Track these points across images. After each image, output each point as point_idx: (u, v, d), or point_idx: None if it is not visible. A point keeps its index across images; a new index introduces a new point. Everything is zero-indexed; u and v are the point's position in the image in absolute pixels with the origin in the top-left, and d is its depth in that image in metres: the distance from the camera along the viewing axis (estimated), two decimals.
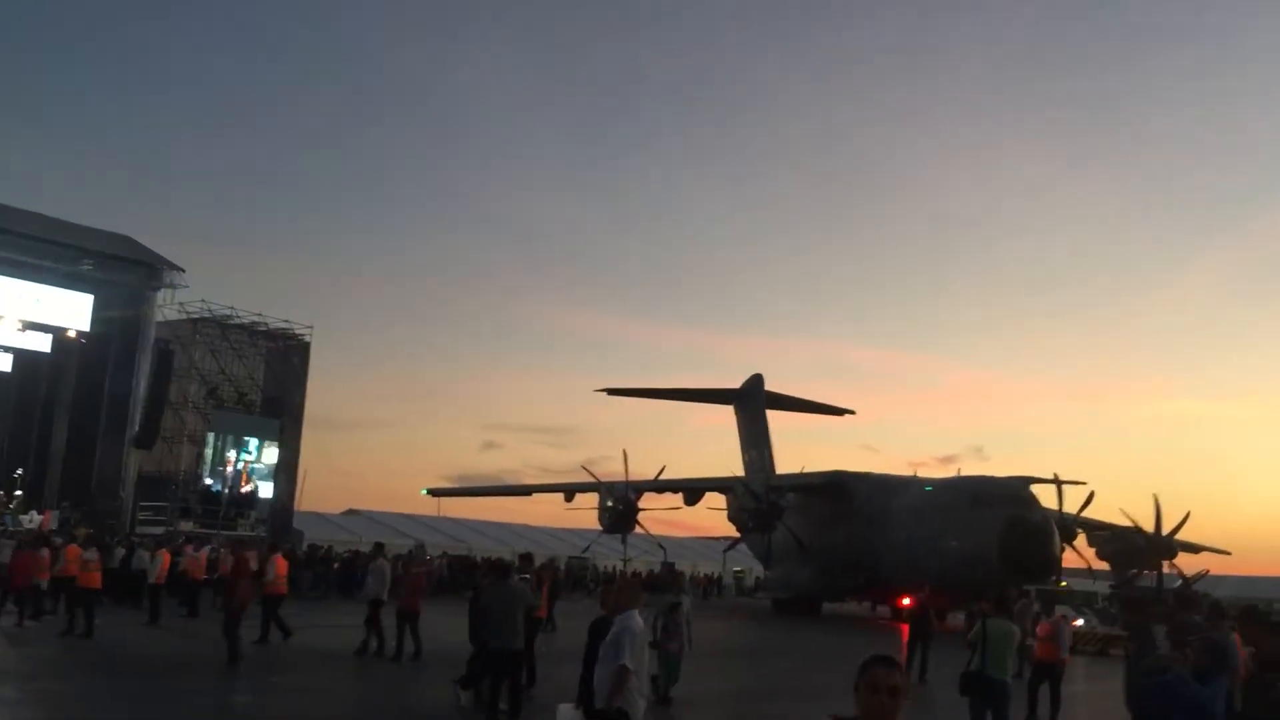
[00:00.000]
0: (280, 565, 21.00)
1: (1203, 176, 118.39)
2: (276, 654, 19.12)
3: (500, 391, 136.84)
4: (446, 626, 18.41)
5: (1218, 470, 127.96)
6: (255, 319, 46.21)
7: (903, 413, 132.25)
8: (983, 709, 11.95)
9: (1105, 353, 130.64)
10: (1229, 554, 56.93)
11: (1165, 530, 41.56)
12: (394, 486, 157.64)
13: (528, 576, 16.67)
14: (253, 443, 44.59)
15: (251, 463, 44.14)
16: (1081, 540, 44.82)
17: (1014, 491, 39.51)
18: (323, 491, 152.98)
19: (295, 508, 47.21)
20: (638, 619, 7.97)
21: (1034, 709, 15.62)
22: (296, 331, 47.24)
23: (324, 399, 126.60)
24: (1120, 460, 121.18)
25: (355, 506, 64.75)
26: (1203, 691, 6.52)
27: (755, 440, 56.73)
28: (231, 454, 43.78)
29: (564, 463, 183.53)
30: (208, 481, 43.23)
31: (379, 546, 21.96)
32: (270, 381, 46.74)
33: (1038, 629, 16.73)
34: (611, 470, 45.33)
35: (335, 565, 39.42)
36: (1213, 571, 54.90)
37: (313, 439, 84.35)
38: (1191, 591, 31.90)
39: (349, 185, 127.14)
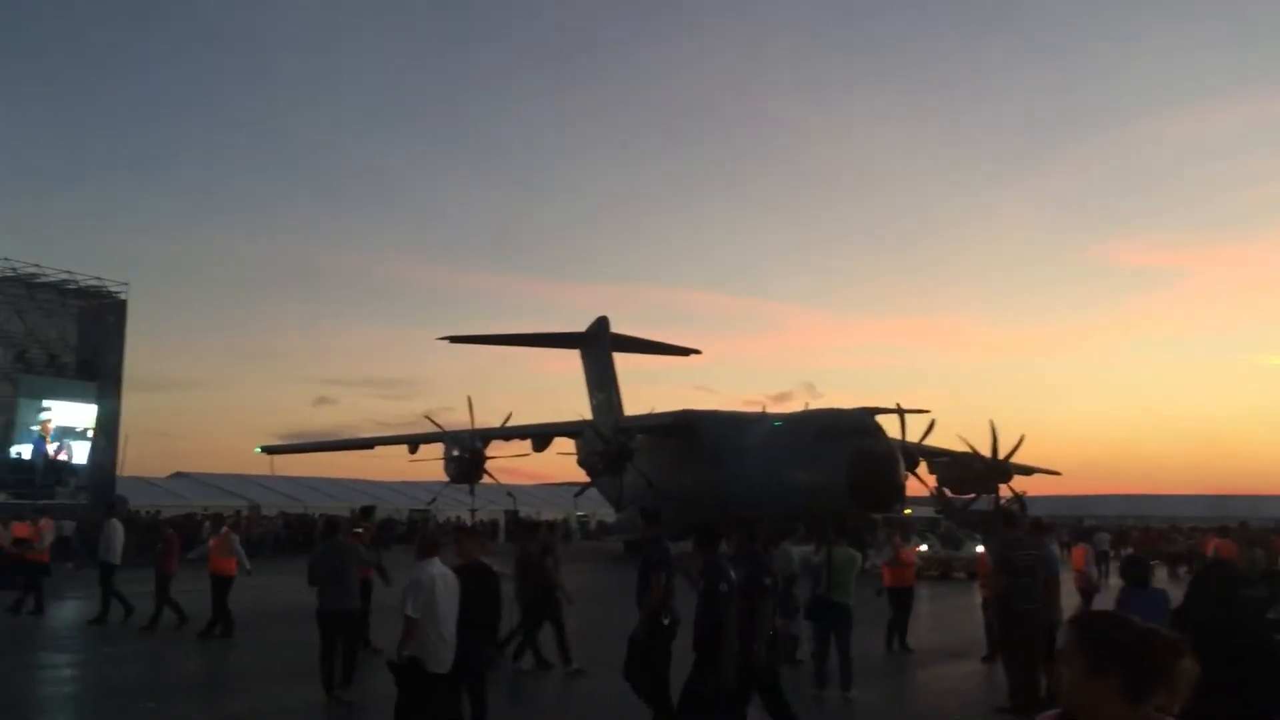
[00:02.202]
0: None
1: (1004, 122, 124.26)
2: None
3: (333, 345, 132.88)
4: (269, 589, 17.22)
5: (1048, 395, 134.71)
6: (65, 277, 43.14)
7: (738, 353, 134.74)
8: (827, 631, 12.22)
9: (926, 290, 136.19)
10: (1059, 474, 59.41)
11: (1001, 454, 42.75)
12: (224, 447, 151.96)
13: (359, 530, 15.56)
14: (66, 407, 41.71)
15: (65, 428, 41.30)
16: (923, 468, 45.88)
17: (860, 422, 39.74)
18: (148, 455, 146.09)
19: (118, 473, 44.57)
20: (427, 569, 8.01)
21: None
22: (110, 289, 44.32)
23: (145, 360, 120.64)
24: (951, 391, 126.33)
25: (183, 469, 61.92)
26: None
27: (602, 383, 56.17)
28: (43, 419, 40.86)
29: (404, 415, 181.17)
30: (17, 451, 40.29)
31: (110, 507, 20.46)
32: (84, 343, 43.80)
33: (902, 555, 16.39)
34: (456, 420, 44.23)
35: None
36: (1044, 492, 57.34)
37: (134, 401, 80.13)
38: (1013, 510, 32.79)
39: (165, 137, 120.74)
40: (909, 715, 11.86)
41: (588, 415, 50.86)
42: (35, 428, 40.59)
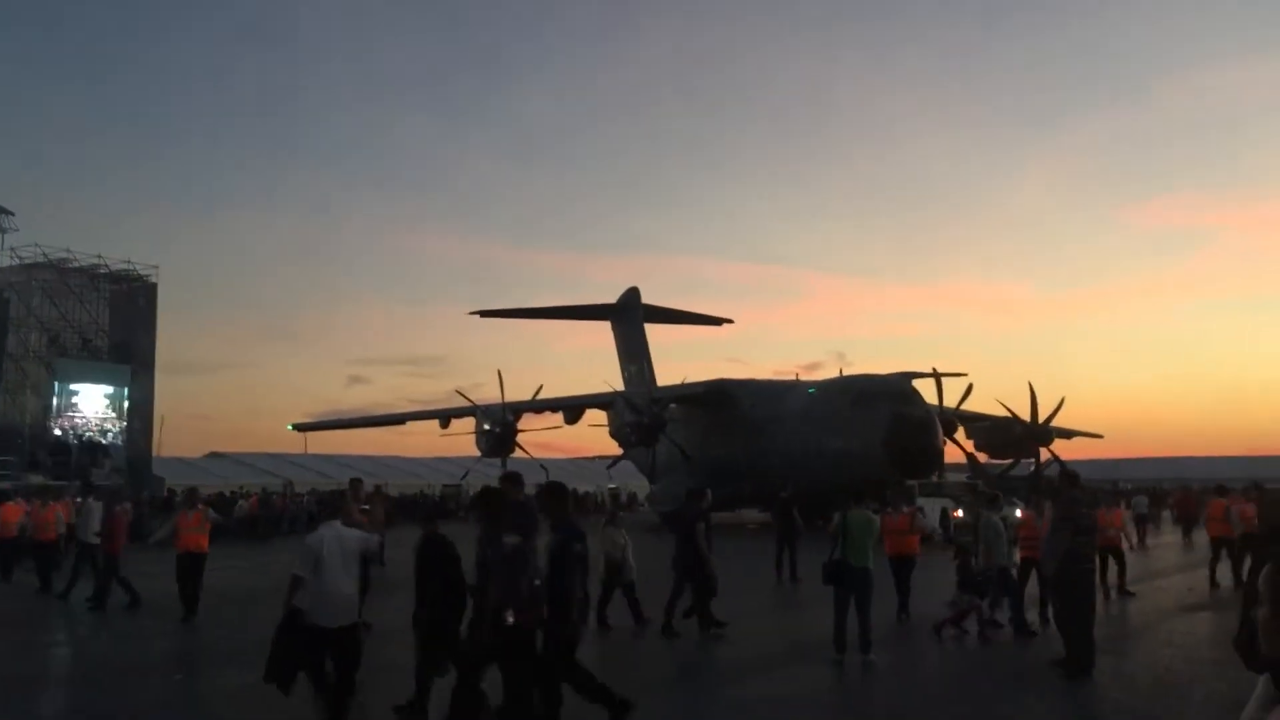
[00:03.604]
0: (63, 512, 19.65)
1: (1034, 82, 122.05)
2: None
3: (364, 323, 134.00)
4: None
5: (1087, 358, 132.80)
6: (95, 261, 43.45)
7: (768, 323, 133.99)
8: (846, 596, 11.84)
9: (957, 256, 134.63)
10: (1101, 437, 58.41)
11: (1041, 418, 41.88)
12: (258, 427, 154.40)
13: (367, 509, 15.02)
14: (102, 389, 42.05)
15: (97, 408, 41.66)
16: (961, 433, 45.07)
17: (896, 388, 39.19)
18: (183, 436, 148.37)
19: (154, 453, 44.95)
20: (321, 530, 8.24)
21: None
22: (140, 272, 44.66)
23: (178, 341, 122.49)
24: (987, 356, 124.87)
25: (218, 449, 62.60)
26: None
27: (634, 354, 55.72)
28: (78, 401, 41.24)
29: (435, 392, 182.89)
30: (56, 432, 40.71)
31: (88, 487, 20.31)
32: (116, 326, 44.22)
33: (887, 521, 15.56)
34: (487, 395, 43.97)
35: None
36: (1082, 455, 56.19)
37: (169, 383, 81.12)
38: (1074, 472, 32.09)
39: (189, 120, 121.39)
40: (929, 677, 11.40)
41: (620, 387, 50.49)
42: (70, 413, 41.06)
